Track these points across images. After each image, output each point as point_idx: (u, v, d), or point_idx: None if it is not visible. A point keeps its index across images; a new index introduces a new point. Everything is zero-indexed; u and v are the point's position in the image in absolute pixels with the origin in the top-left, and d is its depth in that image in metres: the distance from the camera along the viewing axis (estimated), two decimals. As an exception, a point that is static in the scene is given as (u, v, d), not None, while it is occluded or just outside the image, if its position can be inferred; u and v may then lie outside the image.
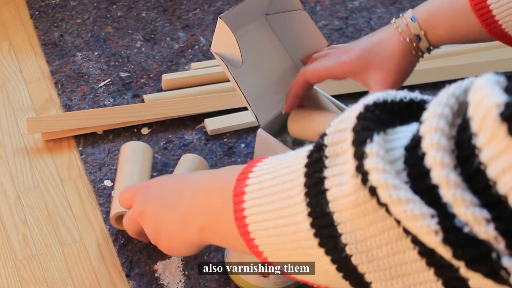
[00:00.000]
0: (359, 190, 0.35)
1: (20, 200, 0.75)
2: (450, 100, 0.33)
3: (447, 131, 0.32)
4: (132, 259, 0.69)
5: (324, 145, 0.38)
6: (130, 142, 0.75)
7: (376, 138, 0.34)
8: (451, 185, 0.30)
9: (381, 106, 0.36)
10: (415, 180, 0.33)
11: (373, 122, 0.35)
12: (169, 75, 0.87)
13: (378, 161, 0.33)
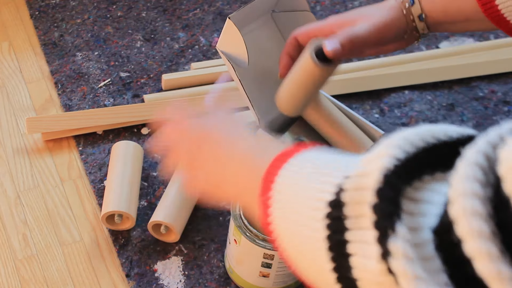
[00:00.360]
0: (385, 275, 0.32)
1: (20, 200, 0.75)
2: (478, 173, 0.29)
3: (485, 214, 0.28)
4: (132, 259, 0.69)
5: (341, 203, 0.35)
6: (121, 142, 0.76)
7: (400, 230, 0.31)
8: (505, 281, 0.27)
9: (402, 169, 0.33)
10: (453, 269, 0.29)
11: (394, 203, 0.32)
12: (169, 75, 0.87)
13: (406, 263, 0.30)
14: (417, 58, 0.92)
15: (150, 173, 0.77)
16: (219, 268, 0.69)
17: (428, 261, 0.30)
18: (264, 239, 0.60)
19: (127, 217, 0.70)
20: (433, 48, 0.96)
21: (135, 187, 0.72)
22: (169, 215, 0.69)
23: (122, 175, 0.72)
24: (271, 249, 0.60)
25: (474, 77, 0.92)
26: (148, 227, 0.69)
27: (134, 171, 0.73)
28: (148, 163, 0.78)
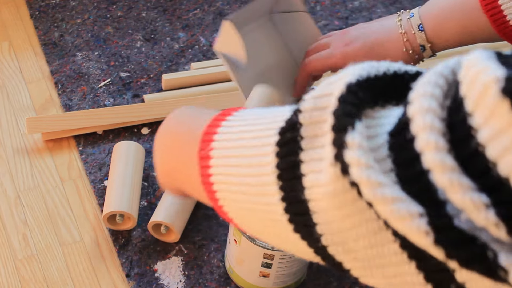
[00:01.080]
0: (337, 180, 0.32)
1: (20, 200, 0.75)
2: (439, 80, 0.31)
3: (439, 113, 0.29)
4: (132, 259, 0.69)
5: (298, 123, 0.34)
6: (122, 142, 0.76)
7: (358, 126, 0.31)
8: (446, 169, 0.28)
9: (364, 84, 0.33)
10: (402, 166, 0.30)
11: (355, 106, 0.32)
12: (169, 75, 0.87)
13: (361, 154, 0.30)
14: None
15: (150, 173, 0.77)
16: (219, 268, 0.69)
17: (381, 162, 0.30)
18: (264, 239, 0.60)
19: (129, 217, 0.70)
20: (433, 48, 0.96)
21: (136, 187, 0.72)
22: (169, 215, 0.69)
23: (123, 175, 0.72)
24: (271, 249, 0.60)
25: (474, 77, 0.92)
26: (148, 227, 0.69)
27: (135, 171, 0.73)
28: (148, 163, 0.78)
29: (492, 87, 0.27)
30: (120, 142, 0.76)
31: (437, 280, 0.32)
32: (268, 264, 0.62)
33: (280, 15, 0.74)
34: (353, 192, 0.31)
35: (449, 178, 0.28)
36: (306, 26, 0.75)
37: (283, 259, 0.61)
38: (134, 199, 0.71)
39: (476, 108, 0.28)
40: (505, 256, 0.28)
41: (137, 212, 0.70)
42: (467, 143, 0.28)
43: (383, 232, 0.32)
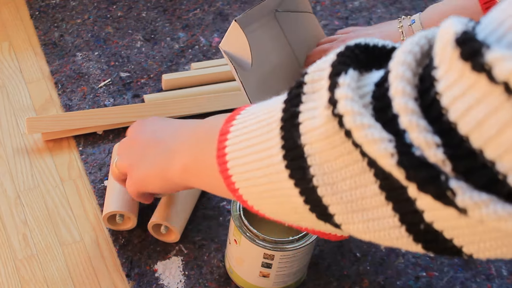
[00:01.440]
0: (329, 121, 0.36)
1: (20, 200, 0.75)
2: (421, 40, 0.35)
3: (414, 67, 0.34)
4: (132, 259, 0.69)
5: (303, 83, 0.39)
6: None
7: (351, 72, 0.36)
8: (408, 112, 0.33)
9: (363, 48, 0.38)
10: (380, 111, 0.35)
11: (351, 59, 0.37)
12: (169, 75, 0.87)
13: (347, 90, 0.35)
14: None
15: (150, 173, 0.77)
16: (219, 268, 0.69)
17: (365, 107, 0.35)
18: (264, 239, 0.60)
19: (129, 217, 0.70)
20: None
21: None
22: (169, 215, 0.69)
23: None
24: (271, 249, 0.60)
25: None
26: (148, 227, 0.69)
27: None
28: (148, 163, 0.78)
29: (450, 40, 0.31)
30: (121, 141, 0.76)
31: (409, 221, 0.36)
32: (268, 264, 0.62)
33: (285, 14, 0.73)
34: (342, 133, 0.36)
35: (409, 120, 0.33)
36: (310, 26, 0.75)
37: (283, 259, 0.61)
38: (134, 199, 0.71)
39: (440, 62, 0.32)
40: (455, 180, 0.32)
41: (138, 212, 0.70)
42: (429, 92, 0.33)
43: (366, 174, 0.36)
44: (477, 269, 0.71)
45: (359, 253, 0.72)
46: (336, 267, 0.70)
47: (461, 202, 0.32)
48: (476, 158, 0.31)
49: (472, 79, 0.30)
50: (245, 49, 0.66)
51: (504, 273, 0.71)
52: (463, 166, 0.32)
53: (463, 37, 0.30)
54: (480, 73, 0.30)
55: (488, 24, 0.31)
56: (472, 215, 0.32)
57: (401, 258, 0.72)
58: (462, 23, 0.31)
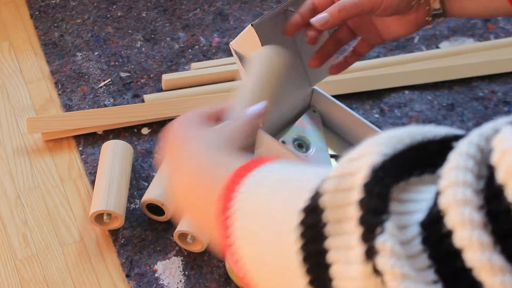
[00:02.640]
0: (369, 278, 0.29)
1: (20, 200, 0.75)
2: (469, 163, 0.28)
3: (475, 202, 0.27)
4: (132, 259, 0.69)
5: (320, 208, 0.32)
6: (109, 141, 0.75)
7: (389, 226, 0.28)
8: (496, 271, 0.25)
9: (390, 163, 0.30)
10: (440, 262, 0.28)
11: (382, 198, 0.29)
12: (169, 75, 0.87)
13: (394, 263, 0.28)
14: (417, 58, 0.92)
15: (150, 173, 0.77)
16: (219, 268, 0.69)
17: (415, 258, 0.28)
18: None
19: (116, 216, 0.70)
20: (433, 48, 0.96)
21: (123, 186, 0.72)
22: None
23: (110, 175, 0.71)
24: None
25: (474, 77, 0.92)
26: (174, 236, 0.69)
27: (122, 171, 0.73)
28: (148, 163, 0.78)
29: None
30: (108, 141, 0.76)
31: None
32: (268, 264, 0.62)
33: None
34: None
35: (502, 281, 0.25)
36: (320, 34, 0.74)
37: (283, 259, 0.61)
38: (121, 198, 0.70)
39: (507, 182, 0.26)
40: None
41: (125, 211, 0.70)
42: (507, 222, 0.26)
43: None
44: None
45: (359, 253, 0.72)
46: (336, 267, 0.70)
47: None
48: None
49: None
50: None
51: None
52: None
53: None
54: None
55: None
56: None
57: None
58: None
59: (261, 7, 1.01)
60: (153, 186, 0.72)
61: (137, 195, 0.75)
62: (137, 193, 0.75)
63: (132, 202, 0.74)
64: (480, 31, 1.00)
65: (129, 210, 0.73)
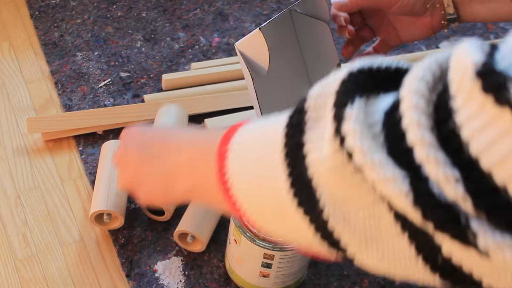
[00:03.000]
0: (337, 153, 0.34)
1: (20, 200, 0.75)
2: (433, 65, 0.33)
3: (427, 95, 0.32)
4: (132, 259, 0.69)
5: (304, 110, 0.38)
6: (109, 141, 0.75)
7: (358, 100, 0.34)
8: (425, 145, 0.31)
9: (366, 73, 0.36)
10: (392, 143, 0.33)
11: (356, 85, 0.35)
12: (169, 75, 0.87)
13: (356, 124, 0.33)
14: (417, 58, 0.92)
15: (150, 173, 0.77)
16: (219, 268, 0.69)
17: (377, 138, 0.33)
18: (264, 239, 0.60)
19: (116, 216, 0.70)
20: (433, 48, 0.96)
21: None
22: (196, 224, 0.68)
23: (110, 175, 0.71)
24: (271, 249, 0.60)
25: (474, 77, 0.92)
26: (174, 236, 0.69)
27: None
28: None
29: (470, 70, 0.29)
30: (107, 141, 0.76)
31: (426, 252, 0.34)
32: (268, 264, 0.62)
33: (301, 16, 0.73)
34: (351, 165, 0.34)
35: (426, 153, 0.30)
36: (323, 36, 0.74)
37: (283, 259, 0.61)
38: (121, 198, 0.70)
39: (457, 91, 0.30)
40: (476, 221, 0.30)
41: (125, 211, 0.70)
42: (448, 123, 0.31)
43: (380, 204, 0.34)
44: (477, 269, 0.71)
45: (359, 253, 0.72)
46: (336, 267, 0.70)
47: (483, 245, 0.30)
48: (499, 194, 0.29)
49: (495, 112, 0.28)
50: (264, 56, 0.67)
51: (504, 273, 0.71)
52: (485, 203, 0.30)
53: (484, 69, 0.29)
54: (504, 106, 0.28)
55: (508, 53, 0.30)
56: (495, 258, 0.30)
57: (401, 258, 0.71)
58: (479, 50, 0.30)
59: (261, 7, 1.01)
60: None
61: (137, 195, 0.75)
62: (137, 193, 0.75)
63: (132, 202, 0.74)
64: (480, 31, 1.00)
65: (129, 210, 0.73)
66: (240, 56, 0.68)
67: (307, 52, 0.76)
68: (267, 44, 0.66)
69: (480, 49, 0.30)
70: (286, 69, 0.74)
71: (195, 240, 0.69)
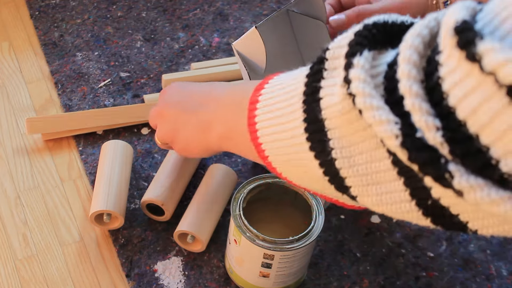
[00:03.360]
0: (345, 99, 0.38)
1: (20, 200, 0.75)
2: (431, 22, 0.36)
3: (421, 49, 0.35)
4: (132, 259, 0.69)
5: (325, 58, 0.41)
6: (109, 141, 0.75)
7: (366, 53, 0.38)
8: (412, 95, 0.34)
9: (381, 27, 0.39)
10: (389, 92, 0.36)
11: (367, 39, 0.38)
12: (169, 75, 0.87)
13: (361, 72, 0.37)
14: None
15: (150, 173, 0.77)
16: (219, 268, 0.69)
17: (378, 87, 0.37)
18: (264, 239, 0.60)
19: (116, 216, 0.70)
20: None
21: (123, 186, 0.71)
22: (196, 224, 0.68)
23: (110, 175, 0.71)
24: (271, 249, 0.60)
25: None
26: (174, 236, 0.69)
27: (122, 171, 0.72)
28: (148, 163, 0.78)
29: (450, 28, 0.32)
30: (107, 141, 0.76)
31: (419, 196, 0.37)
32: (268, 264, 0.62)
33: (297, 15, 0.73)
34: (356, 111, 0.38)
35: (413, 102, 0.34)
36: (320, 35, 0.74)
37: (283, 259, 0.61)
38: (121, 198, 0.70)
39: (443, 47, 0.33)
40: (453, 164, 0.33)
41: (125, 211, 0.70)
42: (433, 75, 0.34)
43: (380, 149, 0.38)
44: (477, 269, 0.71)
45: (359, 253, 0.72)
46: (336, 267, 0.70)
47: (458, 185, 0.33)
48: (472, 142, 0.32)
49: (467, 68, 0.31)
50: (261, 55, 0.67)
51: (504, 273, 0.71)
52: (460, 150, 0.33)
53: (462, 26, 0.31)
54: (473, 62, 0.31)
55: (487, 14, 0.32)
56: (468, 197, 0.33)
57: (401, 258, 0.72)
58: (467, 8, 0.32)
59: (261, 7, 1.01)
60: (152, 186, 0.72)
61: (137, 195, 0.75)
62: (137, 193, 0.75)
63: (132, 202, 0.74)
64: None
65: (129, 210, 0.73)
66: (237, 55, 0.68)
67: (305, 51, 0.76)
68: (264, 42, 0.66)
69: (467, 8, 0.33)
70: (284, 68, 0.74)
71: (195, 240, 0.69)
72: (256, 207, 0.65)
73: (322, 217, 0.63)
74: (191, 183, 0.76)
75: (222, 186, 0.72)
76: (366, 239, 0.73)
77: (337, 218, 0.74)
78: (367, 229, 0.74)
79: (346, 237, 0.73)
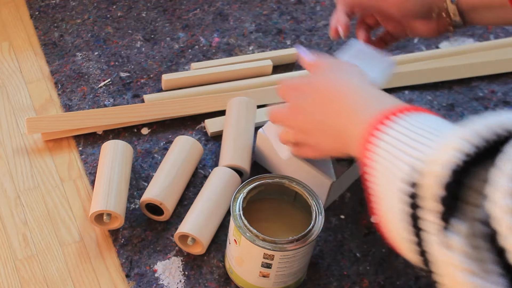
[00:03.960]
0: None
1: (20, 200, 0.75)
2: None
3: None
4: (132, 259, 0.69)
5: (417, 184, 0.41)
6: (109, 141, 0.75)
7: (461, 227, 0.37)
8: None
9: (470, 162, 0.38)
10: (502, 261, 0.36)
11: (455, 207, 0.38)
12: (169, 75, 0.87)
13: (462, 260, 0.37)
14: (417, 58, 0.92)
15: (150, 173, 0.77)
16: (219, 268, 0.69)
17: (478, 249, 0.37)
18: (264, 239, 0.60)
19: (116, 216, 0.70)
20: (433, 48, 0.96)
21: (123, 186, 0.71)
22: (197, 227, 0.68)
23: (110, 175, 0.71)
24: (271, 249, 0.60)
25: (474, 77, 0.92)
26: (174, 237, 0.69)
27: (122, 171, 0.72)
28: (148, 163, 0.78)
29: None
30: (107, 141, 0.75)
31: None
32: (268, 264, 0.62)
33: None
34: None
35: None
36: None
37: (283, 259, 0.61)
38: (121, 198, 0.70)
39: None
40: None
41: (125, 211, 0.70)
42: None
43: None
44: (477, 269, 0.71)
45: (359, 253, 0.72)
46: (336, 267, 0.70)
47: None
48: None
49: None
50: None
51: (504, 273, 0.71)
52: None
53: None
54: None
55: None
56: None
57: (401, 258, 0.71)
58: None
59: (261, 7, 1.01)
60: (151, 186, 0.72)
61: (137, 195, 0.75)
62: (137, 193, 0.75)
63: (132, 202, 0.74)
64: (480, 31, 1.00)
65: (129, 210, 0.73)
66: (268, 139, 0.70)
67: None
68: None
69: None
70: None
71: (196, 242, 0.69)
72: (256, 207, 0.65)
73: (322, 217, 0.63)
74: (190, 183, 0.76)
75: (226, 191, 0.72)
76: (366, 239, 0.73)
77: (337, 218, 0.74)
78: (367, 229, 0.74)
79: (346, 237, 0.73)
